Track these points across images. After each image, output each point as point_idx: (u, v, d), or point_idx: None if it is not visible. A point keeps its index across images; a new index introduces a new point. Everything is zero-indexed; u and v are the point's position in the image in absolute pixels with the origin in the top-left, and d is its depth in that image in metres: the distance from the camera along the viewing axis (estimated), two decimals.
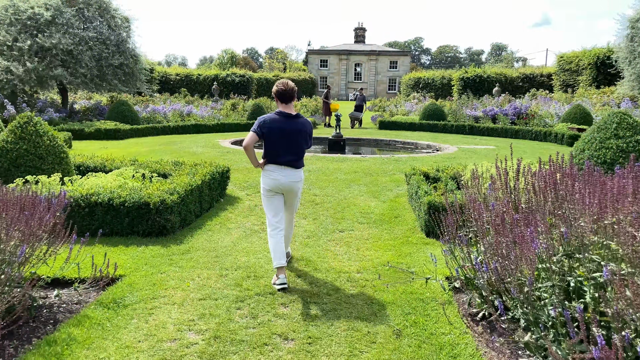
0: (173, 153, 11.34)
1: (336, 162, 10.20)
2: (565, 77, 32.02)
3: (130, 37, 20.77)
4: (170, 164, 7.43)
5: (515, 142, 15.66)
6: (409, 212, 6.40)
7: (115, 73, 19.29)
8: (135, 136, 16.25)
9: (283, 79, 4.85)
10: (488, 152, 12.58)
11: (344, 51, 64.95)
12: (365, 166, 9.77)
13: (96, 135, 15.56)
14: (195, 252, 4.87)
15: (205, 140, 14.57)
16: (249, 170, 9.18)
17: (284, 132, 4.05)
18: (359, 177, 8.70)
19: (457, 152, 12.46)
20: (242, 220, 6.07)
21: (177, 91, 38.93)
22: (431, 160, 10.80)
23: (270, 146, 4.08)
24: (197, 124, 18.63)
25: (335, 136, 13.84)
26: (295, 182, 4.20)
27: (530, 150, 12.90)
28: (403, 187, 7.87)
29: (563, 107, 19.93)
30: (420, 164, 9.92)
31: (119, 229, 5.36)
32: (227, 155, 11.05)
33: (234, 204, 6.84)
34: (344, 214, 6.28)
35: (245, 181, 8.26)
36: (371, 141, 16.49)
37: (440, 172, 7.10)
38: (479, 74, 39.22)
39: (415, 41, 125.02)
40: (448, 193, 5.76)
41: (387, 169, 9.48)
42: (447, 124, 19.38)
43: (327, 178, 8.49)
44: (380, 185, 8.01)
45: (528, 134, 16.78)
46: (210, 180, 6.62)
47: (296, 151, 4.13)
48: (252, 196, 7.33)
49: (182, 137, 16.01)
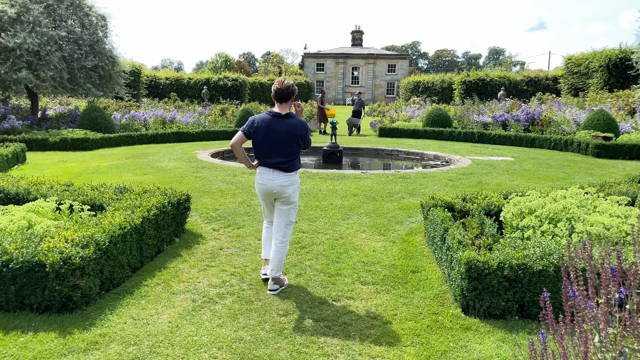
0: (138, 169, 9.56)
1: (331, 180, 8.45)
2: (574, 80, 30.39)
3: (108, 36, 19.01)
4: (112, 191, 5.65)
5: (532, 151, 13.95)
6: (430, 261, 4.64)
7: (88, 76, 17.50)
8: (106, 146, 14.48)
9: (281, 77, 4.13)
10: (508, 165, 10.85)
11: (341, 54, 63.32)
12: (367, 186, 8.02)
13: (61, 146, 13.78)
14: (105, 348, 3.10)
15: (183, 151, 12.80)
16: (223, 192, 7.42)
17: (271, 133, 3.85)
18: (359, 202, 6.94)
19: (472, 165, 10.72)
20: (197, 275, 4.31)
21: (167, 96, 37.27)
22: (444, 177, 9.06)
23: (257, 147, 3.93)
24: (178, 132, 16.86)
25: (330, 147, 12.10)
26: (284, 186, 3.90)
27: (556, 164, 11.17)
28: (416, 218, 6.11)
29: (580, 113, 18.25)
30: (432, 183, 8.17)
31: (2, 301, 3.59)
32: (202, 171, 9.29)
33: (193, 246, 5.08)
34: (340, 266, 4.51)
35: (215, 209, 6.50)
36: (371, 151, 14.75)
37: (467, 202, 5.35)
38: (481, 77, 37.64)
39: (413, 45, 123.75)
40: (489, 239, 4.01)
41: (393, 190, 7.73)
42: (453, 131, 17.67)
43: (319, 205, 6.73)
44: (387, 215, 6.25)
45: (546, 142, 15.07)
46: (158, 216, 4.86)
47: (285, 153, 3.87)
48: (219, 232, 5.57)
49: (158, 147, 14.24)
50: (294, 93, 3.96)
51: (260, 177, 3.98)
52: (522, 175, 9.37)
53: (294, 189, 3.97)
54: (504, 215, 4.63)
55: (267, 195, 4.00)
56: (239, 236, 5.40)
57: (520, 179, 8.93)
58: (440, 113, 18.99)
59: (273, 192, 3.94)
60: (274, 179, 3.89)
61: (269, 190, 3.93)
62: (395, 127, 19.17)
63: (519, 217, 4.47)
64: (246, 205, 6.69)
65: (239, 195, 7.27)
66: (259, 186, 4.02)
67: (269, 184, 3.91)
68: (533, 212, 4.36)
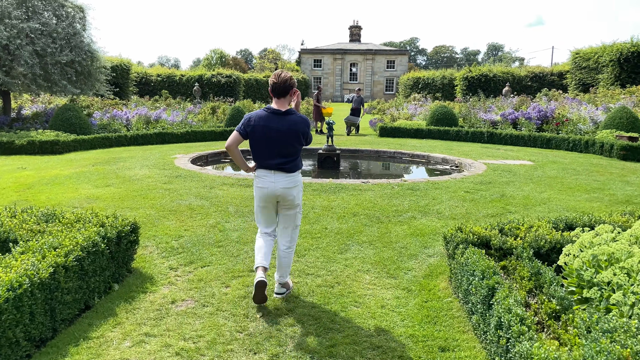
0: (100, 179, 8.18)
1: (326, 194, 7.08)
2: (582, 75, 29.04)
3: (86, 29, 17.60)
4: (35, 219, 4.27)
5: (550, 154, 12.61)
6: (464, 327, 3.28)
7: (63, 72, 16.08)
8: (79, 149, 13.08)
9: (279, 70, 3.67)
10: (528, 171, 9.49)
11: (339, 50, 61.84)
12: (369, 202, 6.65)
13: (29, 149, 12.39)
14: None
15: (161, 155, 11.41)
16: (194, 211, 6.06)
17: (270, 131, 3.49)
18: (360, 225, 5.58)
19: (488, 172, 9.37)
20: (127, 357, 2.95)
21: (158, 93, 35.85)
22: (459, 187, 7.71)
23: (256, 148, 3.57)
24: (162, 133, 15.47)
25: (326, 150, 10.74)
26: (288, 188, 3.56)
27: (583, 169, 9.82)
28: (433, 249, 4.76)
29: (594, 109, 16.91)
30: (446, 196, 6.82)
31: None
32: (174, 182, 7.92)
33: (136, 298, 3.72)
34: (334, 336, 3.15)
35: (179, 235, 5.14)
36: (372, 153, 13.39)
37: (508, 234, 3.99)
38: (484, 73, 36.28)
39: (411, 41, 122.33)
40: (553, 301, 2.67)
41: (400, 207, 6.37)
42: (460, 131, 16.31)
43: (310, 230, 5.37)
44: (396, 245, 4.90)
45: (563, 143, 13.72)
46: (84, 260, 3.51)
47: (287, 153, 3.53)
48: (178, 272, 4.21)
49: (136, 150, 12.85)
50: (293, 87, 3.57)
51: (261, 181, 3.60)
52: (550, 185, 8.02)
53: (298, 190, 3.65)
54: (567, 261, 3.28)
55: (269, 200, 3.63)
56: (201, 280, 4.05)
57: (549, 190, 7.58)
58: (445, 111, 17.62)
59: (276, 196, 3.59)
60: (277, 182, 3.55)
61: (272, 194, 3.58)
62: (397, 126, 17.80)
63: (592, 264, 3.12)
64: (218, 230, 5.32)
65: (212, 215, 5.91)
66: (259, 191, 3.62)
67: (271, 187, 3.56)
68: (617, 261, 3.01)
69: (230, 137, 3.56)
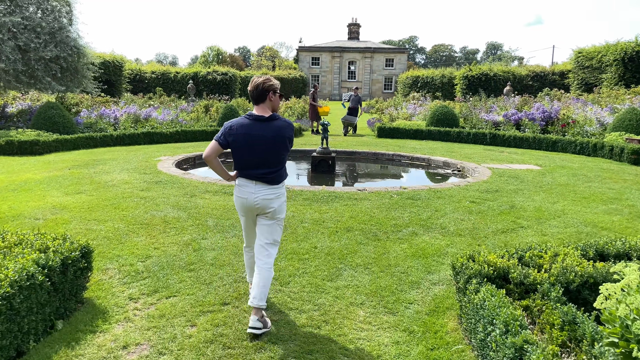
0: (73, 184, 7.52)
1: (318, 204, 6.43)
2: (585, 75, 28.43)
3: (73, 24, 16.89)
4: None
5: (557, 157, 11.98)
6: None
7: (48, 68, 15.39)
8: (61, 149, 12.40)
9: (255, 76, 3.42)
10: (536, 177, 8.85)
11: (337, 48, 61.10)
12: (365, 213, 6.00)
13: (7, 150, 11.70)
14: None
15: (145, 157, 10.74)
16: (168, 224, 5.40)
17: (253, 139, 3.27)
18: (354, 242, 4.93)
19: (493, 178, 8.73)
20: None
21: (153, 91, 35.14)
22: (463, 196, 7.06)
23: (238, 157, 3.33)
24: (150, 132, 14.79)
25: (321, 152, 10.09)
26: (268, 199, 3.31)
27: (594, 176, 9.19)
28: (438, 275, 4.12)
29: (600, 110, 16.29)
30: (450, 207, 6.19)
31: None
32: (153, 189, 7.25)
33: (81, 341, 3.07)
34: None
35: (146, 255, 4.48)
36: (369, 156, 12.73)
37: (530, 265, 3.35)
38: (484, 72, 35.66)
39: (410, 40, 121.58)
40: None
41: (400, 221, 5.73)
42: (462, 132, 15.66)
43: (297, 249, 4.72)
44: (396, 269, 4.25)
45: (570, 145, 13.09)
46: (14, 298, 2.85)
47: (271, 162, 3.31)
48: (138, 304, 3.56)
49: (121, 151, 12.18)
50: (269, 90, 3.34)
51: (240, 191, 3.40)
52: (562, 194, 7.38)
53: (280, 202, 3.39)
54: (608, 306, 2.63)
55: (249, 212, 3.42)
56: (163, 316, 3.40)
57: (562, 200, 6.94)
58: (445, 111, 16.97)
59: (255, 207, 3.37)
60: (257, 192, 3.34)
61: (251, 205, 3.37)
62: (396, 126, 17.14)
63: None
64: (193, 249, 4.67)
65: (187, 230, 5.26)
66: (238, 201, 3.43)
67: (250, 197, 3.35)
68: None
69: (209, 147, 3.33)
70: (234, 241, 4.89)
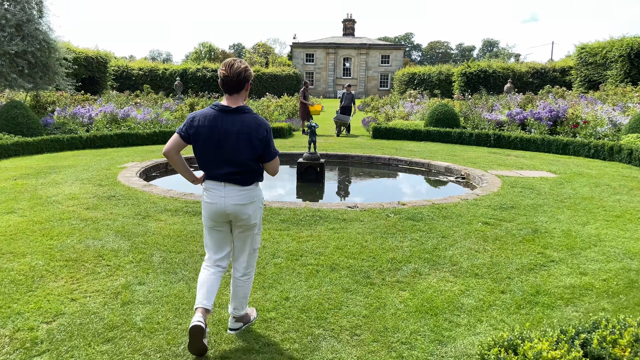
0: (12, 199, 6.28)
1: (297, 228, 5.24)
2: (588, 71, 27.32)
3: (43, 16, 15.61)
4: None
5: (570, 162, 10.83)
6: None
7: (13, 64, 14.12)
8: (23, 153, 11.15)
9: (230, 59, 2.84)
10: (554, 188, 7.70)
11: (332, 44, 59.78)
12: (355, 241, 4.82)
13: None
14: None
15: (109, 163, 9.52)
16: (100, 261, 4.19)
17: (217, 134, 2.84)
18: (340, 288, 3.75)
19: (505, 188, 7.58)
20: None
21: (140, 88, 33.87)
22: (474, 215, 5.90)
23: (200, 154, 2.91)
24: (124, 134, 13.55)
25: (308, 158, 8.91)
26: (242, 204, 2.89)
27: (619, 185, 8.05)
28: (454, 347, 2.94)
29: (611, 109, 15.17)
30: (460, 231, 5.03)
31: None
32: (102, 206, 6.04)
33: None
34: None
35: (57, 312, 3.28)
36: (363, 160, 11.56)
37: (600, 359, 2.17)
38: (483, 69, 34.56)
39: (406, 37, 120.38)
40: None
41: (399, 253, 4.55)
42: (463, 133, 14.50)
43: (263, 299, 3.52)
44: (394, 339, 3.04)
45: (583, 148, 11.94)
46: None
47: (237, 161, 2.84)
48: None
49: (87, 155, 10.94)
50: (249, 80, 2.88)
51: (209, 195, 2.93)
52: (590, 211, 6.22)
53: (255, 207, 2.95)
54: None
55: (219, 219, 2.95)
56: None
57: (593, 221, 5.77)
58: (445, 110, 15.80)
59: (227, 214, 2.91)
60: (227, 197, 2.88)
61: (222, 211, 2.90)
62: (393, 126, 15.95)
63: None
64: (121, 302, 3.47)
65: (124, 269, 4.06)
66: (207, 207, 2.95)
67: (220, 203, 2.89)
68: None
69: (169, 141, 2.92)
70: (179, 288, 3.70)
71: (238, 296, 3.08)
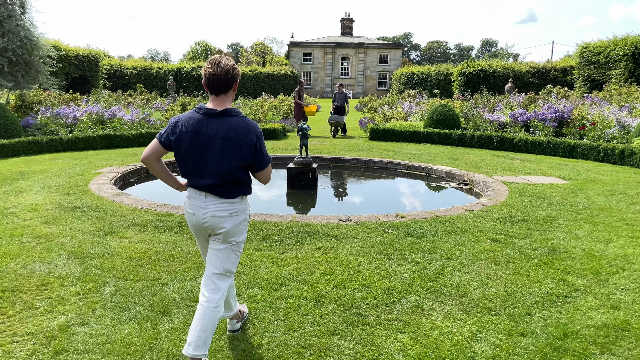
0: None
1: (280, 247, 4.58)
2: (591, 71, 26.68)
3: (26, 12, 14.93)
4: None
5: (579, 166, 10.19)
6: None
7: None
8: None
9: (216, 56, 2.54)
10: (567, 197, 7.05)
11: (330, 43, 59.10)
12: (346, 265, 4.16)
13: None
14: None
15: (85, 167, 8.85)
16: (42, 290, 3.53)
17: (200, 140, 2.54)
18: (325, 330, 3.08)
19: (513, 197, 6.92)
20: None
21: (133, 87, 33.18)
22: (481, 230, 5.25)
23: (182, 162, 2.62)
24: (108, 135, 12.87)
25: (299, 163, 8.25)
26: (220, 217, 2.58)
27: (637, 194, 7.40)
28: None
29: (618, 109, 14.53)
30: (466, 250, 4.40)
31: None
32: (62, 219, 5.36)
33: None
34: None
35: None
36: (359, 163, 10.90)
37: None
38: (483, 68, 33.92)
39: (404, 37, 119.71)
40: None
41: (397, 281, 3.89)
42: (464, 134, 13.84)
43: (231, 346, 2.86)
44: None
45: (591, 152, 11.29)
46: None
47: (222, 171, 2.53)
48: None
49: (66, 158, 10.26)
50: (237, 78, 2.59)
51: (190, 204, 2.67)
52: (610, 226, 5.56)
53: (236, 222, 2.61)
54: None
55: (199, 231, 2.69)
56: None
57: (615, 237, 5.12)
58: (446, 111, 15.15)
59: (204, 226, 2.63)
60: (206, 207, 2.59)
61: (199, 223, 2.63)
62: (391, 127, 15.30)
63: None
64: (53, 351, 2.80)
65: (67, 302, 3.39)
66: (188, 216, 2.70)
67: (198, 213, 2.61)
68: None
69: (148, 146, 2.64)
70: (128, 330, 3.03)
71: (197, 328, 2.53)
